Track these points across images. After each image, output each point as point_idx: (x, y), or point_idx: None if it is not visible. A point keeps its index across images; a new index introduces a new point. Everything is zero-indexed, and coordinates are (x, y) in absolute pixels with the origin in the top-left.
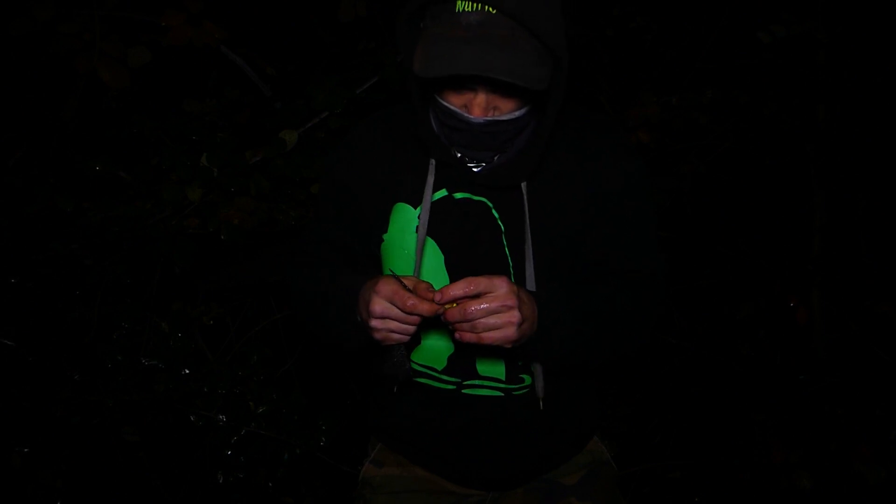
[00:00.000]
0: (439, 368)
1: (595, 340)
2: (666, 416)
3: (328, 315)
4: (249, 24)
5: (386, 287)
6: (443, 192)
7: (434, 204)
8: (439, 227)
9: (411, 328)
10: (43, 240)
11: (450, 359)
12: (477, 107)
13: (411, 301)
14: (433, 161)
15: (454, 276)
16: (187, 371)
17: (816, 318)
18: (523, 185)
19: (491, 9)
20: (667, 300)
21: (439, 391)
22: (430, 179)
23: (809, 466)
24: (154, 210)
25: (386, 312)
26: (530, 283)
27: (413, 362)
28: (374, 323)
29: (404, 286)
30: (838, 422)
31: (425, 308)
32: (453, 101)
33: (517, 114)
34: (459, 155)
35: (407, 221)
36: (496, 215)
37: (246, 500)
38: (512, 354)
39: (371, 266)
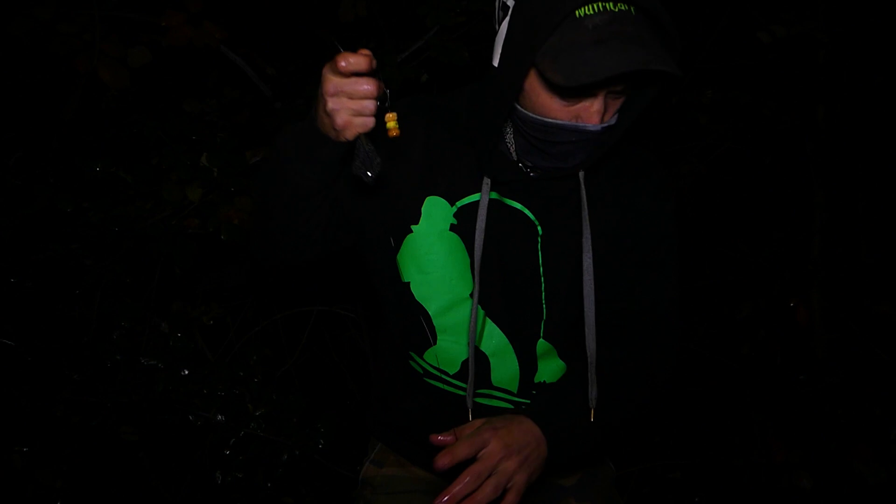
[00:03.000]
0: (451, 372)
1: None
2: (666, 416)
3: (285, 155)
4: (249, 24)
5: (329, 64)
6: (492, 195)
7: (473, 205)
8: (473, 229)
9: (367, 104)
10: (43, 240)
11: (463, 364)
12: (596, 114)
13: (343, 62)
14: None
15: (481, 279)
16: (187, 371)
17: (816, 318)
18: (581, 175)
19: (612, 7)
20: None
21: (449, 395)
22: (487, 187)
23: (809, 466)
24: (154, 210)
25: (337, 87)
26: (589, 295)
27: (426, 363)
28: (331, 104)
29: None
30: (838, 422)
31: (360, 61)
32: (560, 116)
33: (618, 116)
34: (521, 165)
35: (441, 218)
36: (539, 231)
37: (245, 500)
38: (528, 369)
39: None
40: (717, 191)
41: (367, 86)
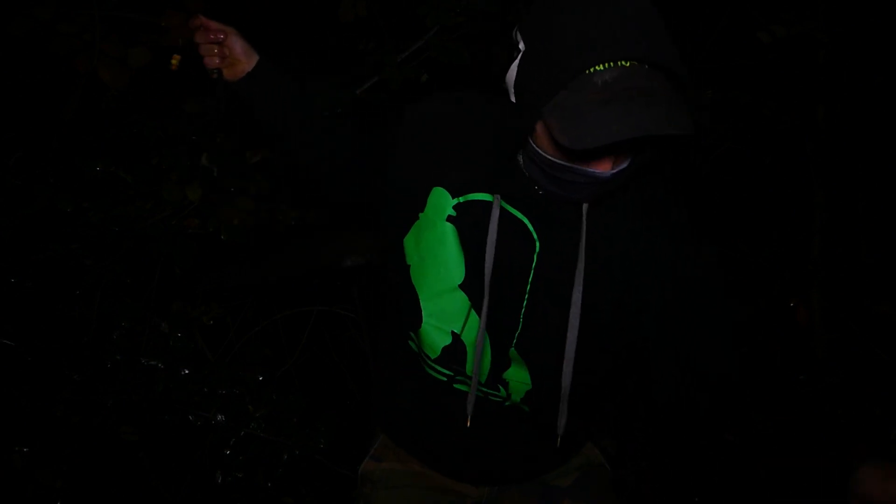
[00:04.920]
0: (432, 357)
1: None
2: (666, 416)
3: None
4: (249, 25)
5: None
6: (486, 197)
7: (476, 204)
8: (468, 226)
9: (210, 52)
10: (43, 240)
11: (444, 350)
12: (606, 163)
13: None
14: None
15: (470, 273)
16: (187, 371)
17: (816, 318)
18: (584, 206)
19: (624, 62)
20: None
21: (434, 380)
22: (497, 200)
23: (810, 466)
24: (154, 210)
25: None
26: (573, 329)
27: (413, 341)
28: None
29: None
30: (838, 422)
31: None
32: (570, 161)
33: (630, 157)
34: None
35: (442, 208)
36: (537, 248)
37: (245, 500)
38: (499, 363)
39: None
40: (717, 191)
41: (205, 36)
